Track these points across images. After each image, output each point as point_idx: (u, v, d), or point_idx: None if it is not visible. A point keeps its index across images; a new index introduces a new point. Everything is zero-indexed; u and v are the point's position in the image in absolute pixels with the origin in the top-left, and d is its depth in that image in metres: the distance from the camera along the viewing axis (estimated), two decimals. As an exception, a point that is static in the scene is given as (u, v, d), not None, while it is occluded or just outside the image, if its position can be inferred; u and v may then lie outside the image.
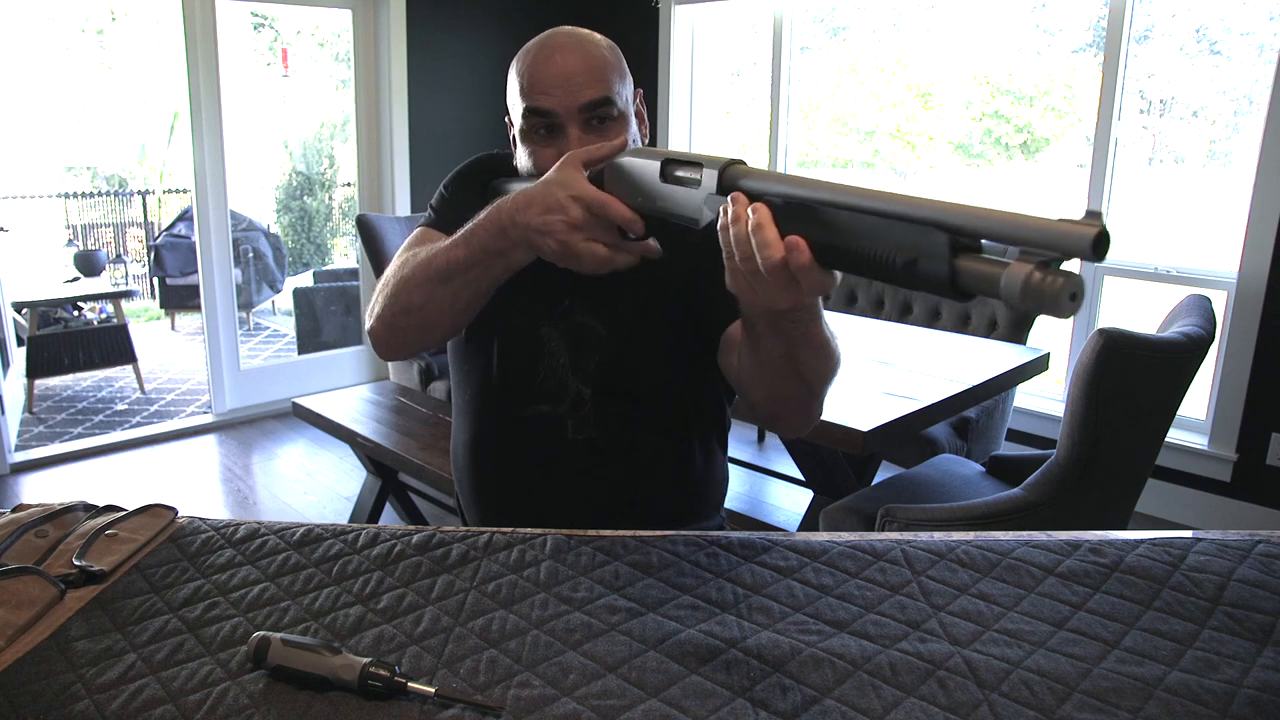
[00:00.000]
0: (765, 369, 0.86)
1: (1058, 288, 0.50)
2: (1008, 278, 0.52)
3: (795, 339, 0.81)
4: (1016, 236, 0.53)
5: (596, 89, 0.96)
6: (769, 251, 0.65)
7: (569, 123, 0.96)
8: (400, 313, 0.96)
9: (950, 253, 0.56)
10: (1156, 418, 1.73)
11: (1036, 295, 0.51)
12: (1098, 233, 0.49)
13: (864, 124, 4.65)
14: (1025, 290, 0.51)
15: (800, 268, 0.65)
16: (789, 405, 0.93)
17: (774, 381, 0.88)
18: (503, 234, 0.86)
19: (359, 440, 2.38)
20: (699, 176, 0.75)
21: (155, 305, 6.04)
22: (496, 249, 0.87)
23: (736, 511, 2.74)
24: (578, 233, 0.81)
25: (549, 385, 1.08)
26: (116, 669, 0.73)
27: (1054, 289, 0.50)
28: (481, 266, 0.89)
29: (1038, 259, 0.52)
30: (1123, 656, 0.75)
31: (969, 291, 0.57)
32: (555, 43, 0.99)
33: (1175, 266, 2.81)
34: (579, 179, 0.81)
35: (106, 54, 7.42)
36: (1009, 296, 0.53)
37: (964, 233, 0.56)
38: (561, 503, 1.10)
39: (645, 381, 1.09)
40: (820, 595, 0.84)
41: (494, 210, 0.87)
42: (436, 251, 0.92)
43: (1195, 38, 3.03)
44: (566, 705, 0.68)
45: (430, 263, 0.92)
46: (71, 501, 0.98)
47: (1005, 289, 0.52)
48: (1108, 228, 0.50)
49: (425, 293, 0.93)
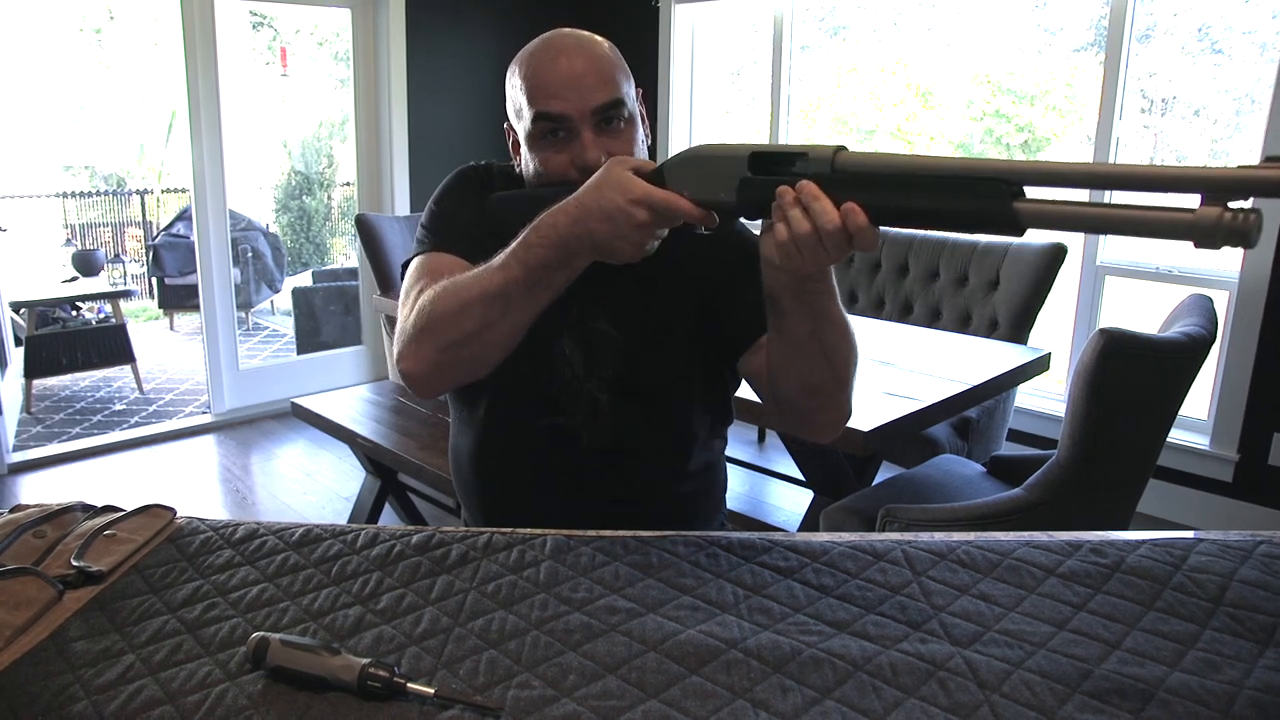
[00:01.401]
0: (794, 351, 0.89)
1: (1254, 220, 0.57)
2: (1197, 220, 0.58)
3: (818, 313, 0.85)
4: (1217, 182, 0.59)
5: (607, 91, 0.96)
6: (827, 218, 0.72)
7: (582, 126, 0.95)
8: (450, 346, 0.91)
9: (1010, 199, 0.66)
10: (1158, 418, 1.73)
11: (1217, 227, 0.58)
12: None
13: (864, 123, 4.64)
14: (1213, 223, 0.58)
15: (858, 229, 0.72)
16: (820, 396, 0.94)
17: (804, 365, 0.90)
18: (563, 246, 0.84)
19: (358, 440, 2.38)
20: (803, 168, 0.76)
21: (154, 305, 6.04)
22: (558, 262, 0.85)
23: (737, 511, 2.74)
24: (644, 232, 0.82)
25: (563, 397, 1.07)
26: (115, 670, 0.73)
27: (1246, 222, 0.57)
28: (544, 283, 0.87)
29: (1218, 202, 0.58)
30: (1124, 657, 0.75)
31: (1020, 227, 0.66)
32: (559, 45, 0.97)
33: (1177, 266, 2.81)
34: (637, 181, 0.81)
35: (104, 53, 7.42)
36: (1191, 227, 0.58)
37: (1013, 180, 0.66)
38: (570, 511, 1.08)
39: (660, 383, 1.08)
40: (821, 596, 0.84)
41: (547, 224, 0.85)
42: (483, 276, 0.89)
43: (1197, 37, 3.03)
44: (566, 706, 0.68)
45: (484, 288, 0.88)
46: (70, 502, 0.97)
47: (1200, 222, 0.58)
48: None
49: (480, 320, 0.89)
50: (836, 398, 0.95)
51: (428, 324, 0.92)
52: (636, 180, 0.81)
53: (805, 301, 0.84)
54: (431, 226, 1.07)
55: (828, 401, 0.95)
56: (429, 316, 0.92)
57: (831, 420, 0.99)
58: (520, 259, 0.87)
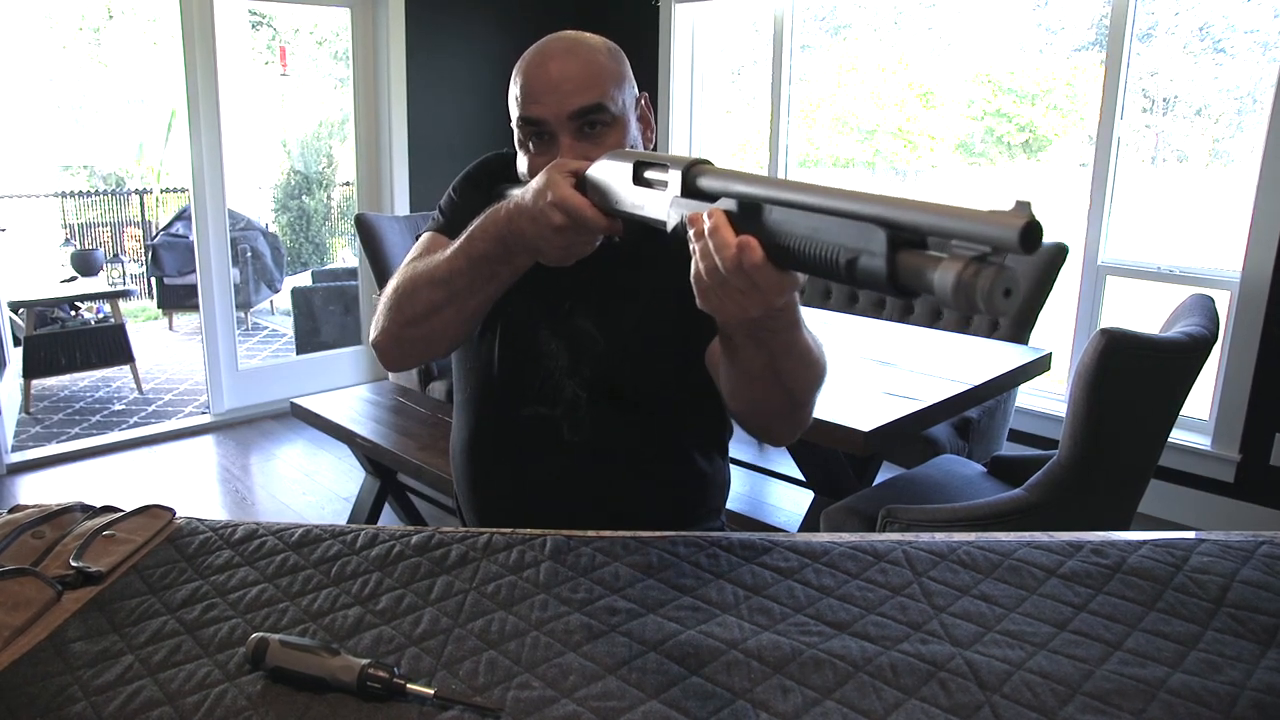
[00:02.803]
0: (746, 380, 0.85)
1: (988, 283, 0.47)
2: (940, 275, 0.50)
3: (775, 349, 0.79)
4: (943, 229, 0.50)
5: (587, 95, 0.95)
6: (725, 252, 0.64)
7: (560, 131, 0.96)
8: (406, 324, 0.96)
9: (890, 249, 0.53)
10: (1159, 418, 1.72)
11: (967, 292, 0.48)
12: (1025, 224, 0.46)
13: (865, 123, 4.64)
14: (956, 288, 0.48)
15: (753, 267, 0.63)
16: (774, 416, 0.92)
17: (756, 393, 0.87)
18: (501, 242, 0.87)
19: (358, 440, 2.38)
20: (666, 178, 0.74)
21: (153, 305, 6.03)
22: (498, 256, 0.88)
23: (737, 512, 2.74)
24: (565, 236, 0.82)
25: (546, 387, 1.08)
26: (114, 670, 0.72)
27: (984, 285, 0.47)
28: (485, 274, 0.89)
29: (972, 254, 0.49)
30: (1125, 658, 0.75)
31: (910, 290, 0.54)
32: (550, 50, 0.98)
33: (1178, 266, 2.81)
34: (560, 184, 0.82)
35: (103, 52, 7.42)
36: (941, 295, 0.50)
37: (898, 227, 0.53)
38: (555, 503, 1.09)
39: (641, 387, 1.08)
40: (821, 596, 0.84)
41: (490, 218, 0.88)
42: (438, 262, 0.92)
43: (1198, 36, 3.02)
44: (566, 707, 0.68)
45: (433, 273, 0.92)
46: (69, 502, 0.97)
47: (938, 287, 0.50)
48: (1037, 218, 0.46)
49: (428, 303, 0.93)
50: (794, 416, 0.91)
51: (391, 301, 0.97)
52: (562, 184, 0.82)
53: (760, 339, 0.78)
54: (444, 208, 1.11)
55: (781, 417, 0.92)
56: (392, 293, 0.97)
57: (786, 431, 0.96)
58: (465, 250, 0.90)
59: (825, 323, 2.51)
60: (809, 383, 0.87)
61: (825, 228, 0.58)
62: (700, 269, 0.68)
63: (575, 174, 0.84)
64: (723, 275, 0.65)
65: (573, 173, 0.84)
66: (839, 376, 1.94)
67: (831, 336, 2.34)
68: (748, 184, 0.66)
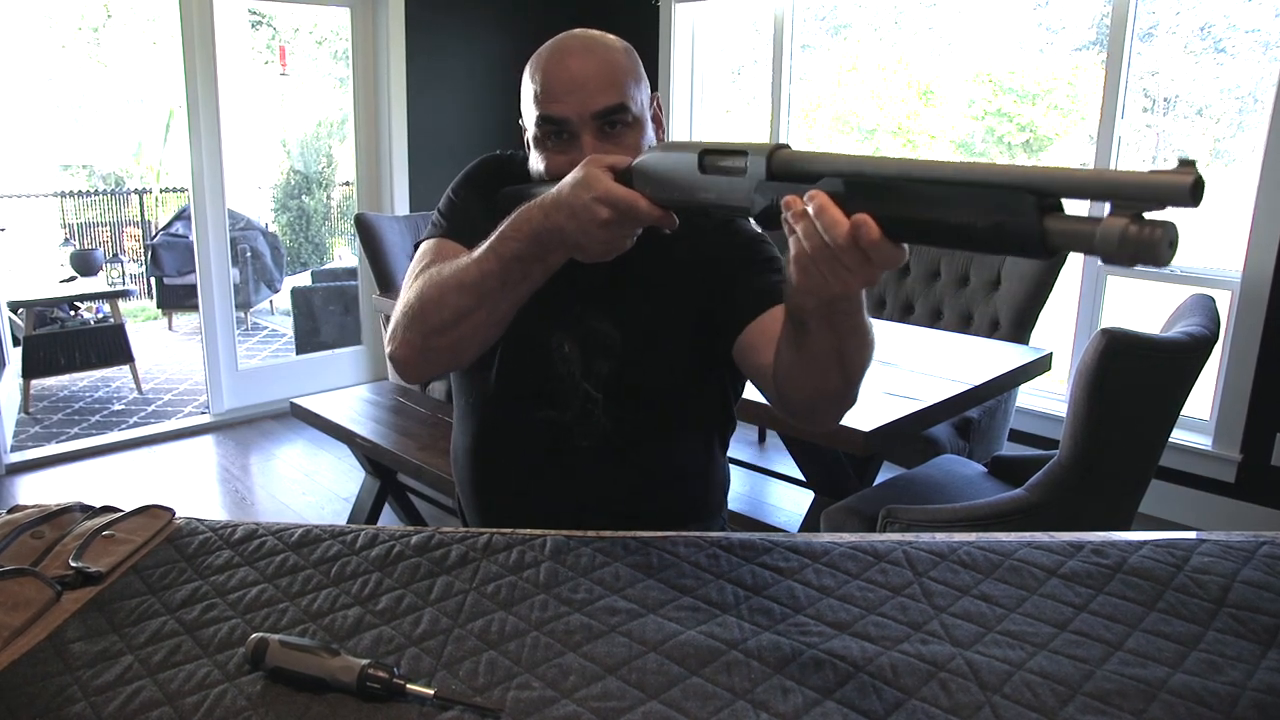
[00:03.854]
0: (812, 365, 0.85)
1: (1157, 237, 0.53)
2: (1103, 231, 0.54)
3: (844, 330, 0.80)
4: (1113, 191, 0.55)
5: (610, 95, 0.94)
6: (837, 230, 0.65)
7: (583, 130, 0.95)
8: (432, 333, 0.93)
9: (1039, 213, 0.58)
10: (1160, 418, 1.72)
11: (1135, 245, 0.53)
12: (1194, 180, 0.51)
13: (865, 122, 4.64)
14: (1123, 241, 0.53)
15: (871, 244, 0.65)
16: (828, 398, 0.91)
17: (818, 377, 0.87)
18: (536, 240, 0.85)
19: (358, 440, 2.37)
20: (743, 165, 0.75)
21: (152, 305, 6.03)
22: (532, 254, 0.86)
23: (737, 512, 2.74)
24: (610, 230, 0.81)
25: (558, 392, 1.07)
26: (113, 671, 0.72)
27: (1154, 238, 0.53)
28: (519, 275, 0.87)
29: (1131, 210, 0.54)
30: (1126, 658, 0.74)
31: (1059, 248, 0.59)
32: (568, 47, 0.97)
33: (1179, 266, 2.81)
34: (603, 178, 0.81)
35: (102, 52, 7.41)
36: (1106, 248, 0.54)
37: (1052, 193, 0.58)
38: (564, 508, 1.09)
39: (656, 385, 1.08)
40: (821, 596, 0.84)
41: (522, 217, 0.86)
42: (463, 266, 0.90)
43: (1199, 35, 3.02)
44: (566, 707, 0.68)
45: (460, 278, 0.90)
46: (68, 502, 0.97)
47: (1101, 242, 0.55)
48: (1202, 175, 0.52)
49: (456, 309, 0.90)
50: (846, 397, 0.92)
51: (412, 311, 0.94)
52: (603, 177, 0.81)
53: (834, 322, 0.79)
54: (445, 212, 1.09)
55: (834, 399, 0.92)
56: (414, 303, 0.94)
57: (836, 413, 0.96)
58: (496, 251, 0.87)
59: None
60: (864, 363, 0.87)
61: (958, 199, 0.62)
62: (805, 248, 0.68)
63: (613, 168, 0.82)
64: (832, 252, 0.66)
65: (610, 167, 0.82)
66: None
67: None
68: (849, 164, 0.68)
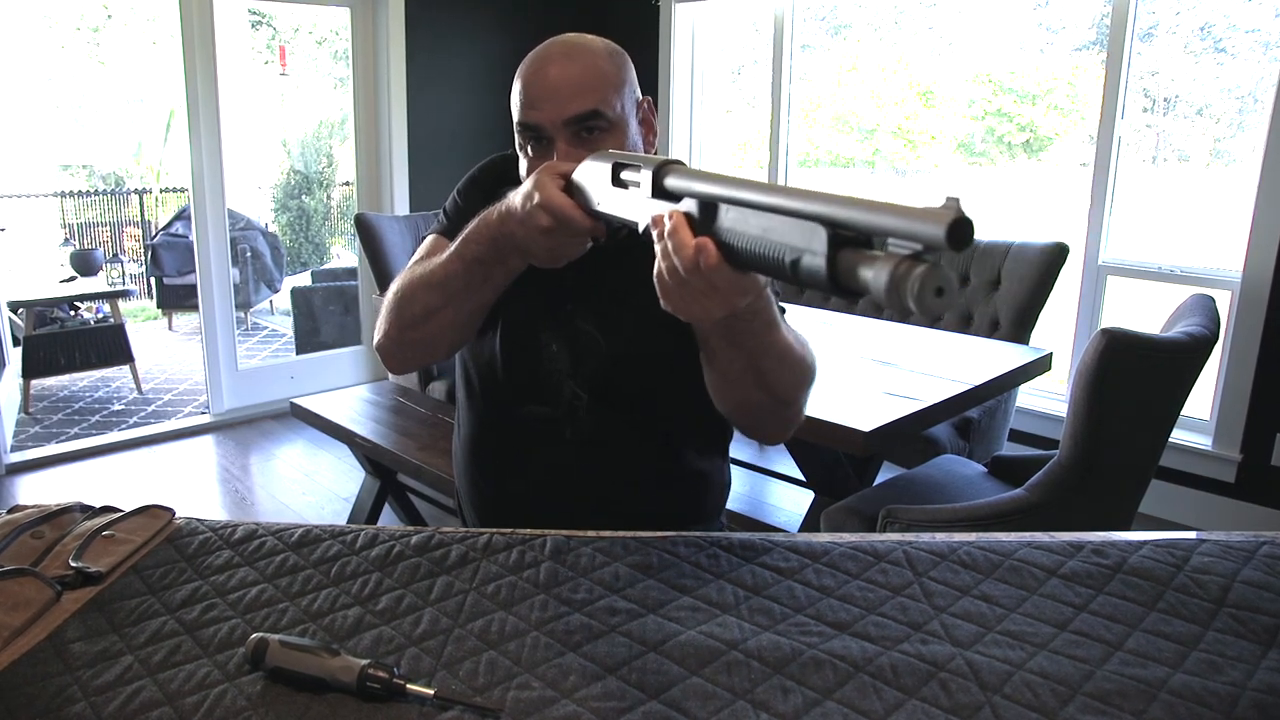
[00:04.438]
0: (727, 382, 0.86)
1: (918, 281, 0.46)
2: (875, 273, 0.48)
3: (752, 349, 0.80)
4: (877, 226, 0.49)
5: (584, 102, 0.95)
6: (683, 253, 0.64)
7: (555, 135, 0.95)
8: (406, 327, 0.97)
9: (831, 248, 0.52)
10: (1160, 418, 1.72)
11: (899, 290, 0.47)
12: (953, 219, 0.44)
13: (865, 123, 4.64)
14: (889, 285, 0.47)
15: (710, 268, 0.63)
16: (760, 415, 0.93)
17: (739, 394, 0.87)
18: (493, 244, 0.88)
19: (358, 441, 2.37)
20: (639, 179, 0.74)
21: (152, 305, 6.03)
22: (491, 258, 0.89)
23: (737, 512, 2.74)
24: (552, 238, 0.82)
25: (547, 388, 1.08)
26: (113, 671, 0.72)
27: (914, 283, 0.46)
28: (480, 277, 0.90)
29: (906, 252, 0.48)
30: (1126, 658, 0.74)
31: (850, 290, 0.53)
32: (549, 55, 0.98)
33: (1179, 266, 2.81)
34: (548, 186, 0.82)
35: (102, 52, 7.41)
36: (876, 292, 0.48)
37: (838, 225, 0.52)
38: (556, 503, 1.09)
39: (642, 389, 1.08)
40: (821, 596, 0.84)
41: (483, 222, 0.89)
42: (435, 265, 0.94)
43: (1199, 35, 3.02)
44: (566, 707, 0.67)
45: (429, 277, 0.94)
46: (68, 502, 0.97)
47: (873, 284, 0.49)
48: (967, 215, 0.45)
49: (425, 306, 0.94)
50: (781, 414, 0.92)
51: (391, 304, 0.98)
52: (549, 185, 0.82)
53: (734, 340, 0.79)
54: (448, 211, 1.12)
55: (768, 417, 0.92)
56: (393, 297, 0.98)
57: (775, 431, 0.97)
58: (460, 253, 0.91)
59: (825, 323, 2.50)
60: (792, 383, 0.87)
61: (774, 227, 0.57)
62: (661, 269, 0.68)
63: (564, 176, 0.83)
64: (682, 276, 0.66)
65: (562, 175, 0.83)
66: (839, 376, 1.94)
67: (832, 336, 2.34)
68: (706, 183, 0.65)
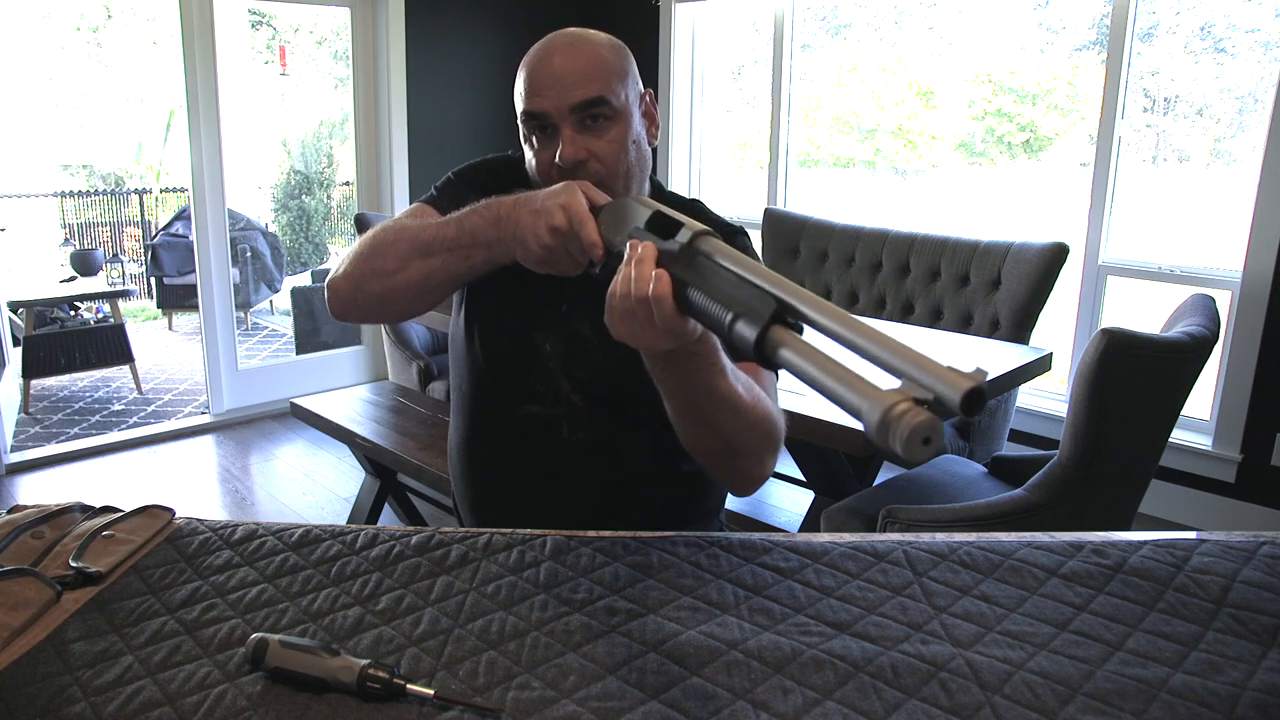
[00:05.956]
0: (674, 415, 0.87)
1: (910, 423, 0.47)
2: (868, 403, 0.50)
3: (692, 389, 0.81)
4: (898, 368, 0.51)
5: (589, 89, 0.95)
6: (640, 282, 0.70)
7: (561, 123, 0.96)
8: (370, 274, 0.97)
9: (769, 320, 0.59)
10: (1160, 418, 1.72)
11: (889, 427, 0.48)
12: (973, 388, 0.46)
13: (865, 123, 4.64)
14: (882, 420, 0.48)
15: (657, 297, 0.68)
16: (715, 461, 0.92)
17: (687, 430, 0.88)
18: (496, 224, 0.88)
19: (358, 441, 2.37)
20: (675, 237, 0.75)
21: (152, 305, 6.03)
22: (485, 238, 0.89)
23: (737, 512, 2.74)
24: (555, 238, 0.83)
25: (542, 389, 1.08)
26: (113, 671, 0.72)
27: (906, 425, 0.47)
28: (465, 250, 0.91)
29: (916, 394, 0.49)
30: (1126, 658, 0.74)
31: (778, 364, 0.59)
32: (553, 45, 0.99)
33: (1179, 266, 2.81)
34: (576, 195, 0.84)
35: (102, 52, 7.41)
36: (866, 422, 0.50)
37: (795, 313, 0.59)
38: (553, 502, 1.09)
39: (638, 390, 1.08)
40: (821, 597, 0.84)
41: (495, 201, 0.90)
42: (426, 225, 0.95)
43: (1199, 35, 3.02)
44: (566, 707, 0.67)
45: (418, 234, 0.94)
46: (68, 502, 0.97)
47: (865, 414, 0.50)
48: (985, 389, 0.47)
49: (401, 261, 0.95)
50: (732, 463, 0.92)
51: (365, 247, 0.99)
52: (578, 192, 0.84)
53: (673, 376, 0.80)
54: (440, 186, 1.12)
55: (723, 464, 0.92)
56: (370, 240, 0.99)
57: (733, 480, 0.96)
58: (459, 219, 0.92)
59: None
60: (745, 435, 0.87)
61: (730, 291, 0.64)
62: (614, 288, 0.72)
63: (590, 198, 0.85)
64: (631, 300, 0.70)
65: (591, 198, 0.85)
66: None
67: (832, 336, 2.33)
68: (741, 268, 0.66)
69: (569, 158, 0.95)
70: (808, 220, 3.18)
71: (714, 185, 4.27)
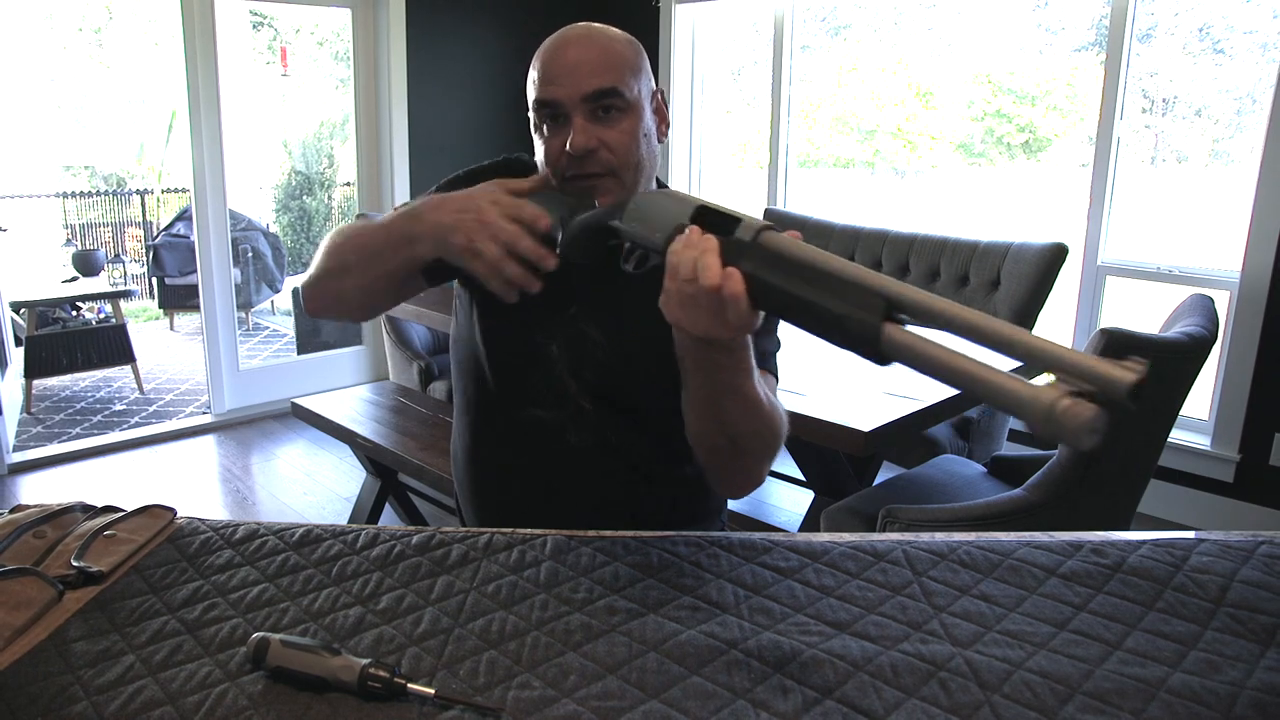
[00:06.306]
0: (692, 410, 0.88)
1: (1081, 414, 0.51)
2: (1033, 394, 0.54)
3: (719, 384, 0.82)
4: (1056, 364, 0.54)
5: (603, 79, 0.95)
6: (708, 275, 0.70)
7: (573, 111, 0.96)
8: (324, 274, 0.99)
9: (882, 318, 0.60)
10: (1159, 418, 1.72)
11: (1059, 418, 0.52)
12: (1138, 379, 0.51)
13: (865, 123, 4.65)
14: (1050, 411, 0.52)
15: (732, 295, 0.69)
16: (718, 460, 0.94)
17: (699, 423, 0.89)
18: (414, 220, 0.88)
19: (358, 440, 2.38)
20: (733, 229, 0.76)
21: (154, 305, 6.03)
22: (403, 236, 0.89)
23: (737, 512, 2.74)
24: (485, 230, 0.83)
25: (548, 393, 1.07)
26: (115, 670, 0.73)
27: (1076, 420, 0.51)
28: (389, 250, 0.91)
29: (1072, 387, 0.53)
30: (1125, 658, 0.75)
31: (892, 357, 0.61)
32: (569, 36, 0.99)
33: (1177, 266, 2.81)
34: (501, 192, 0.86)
35: (104, 52, 7.42)
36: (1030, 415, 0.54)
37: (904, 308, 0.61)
38: (559, 505, 1.09)
39: (645, 393, 1.08)
40: (821, 596, 0.84)
41: (423, 201, 0.91)
42: (367, 226, 0.95)
43: (1198, 36, 3.03)
44: (566, 707, 0.68)
45: (359, 234, 0.96)
46: (70, 502, 0.97)
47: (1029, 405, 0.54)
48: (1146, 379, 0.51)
49: (341, 262, 0.96)
50: (735, 463, 0.93)
51: (323, 249, 1.00)
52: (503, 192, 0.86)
53: (705, 369, 0.81)
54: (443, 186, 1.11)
55: (724, 463, 0.94)
56: (325, 244, 1.00)
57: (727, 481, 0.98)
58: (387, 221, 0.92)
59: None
60: (754, 434, 0.88)
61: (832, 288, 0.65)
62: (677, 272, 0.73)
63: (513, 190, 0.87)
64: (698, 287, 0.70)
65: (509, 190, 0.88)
66: (839, 376, 1.94)
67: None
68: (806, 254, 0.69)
69: (580, 145, 0.94)
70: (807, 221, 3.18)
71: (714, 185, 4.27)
